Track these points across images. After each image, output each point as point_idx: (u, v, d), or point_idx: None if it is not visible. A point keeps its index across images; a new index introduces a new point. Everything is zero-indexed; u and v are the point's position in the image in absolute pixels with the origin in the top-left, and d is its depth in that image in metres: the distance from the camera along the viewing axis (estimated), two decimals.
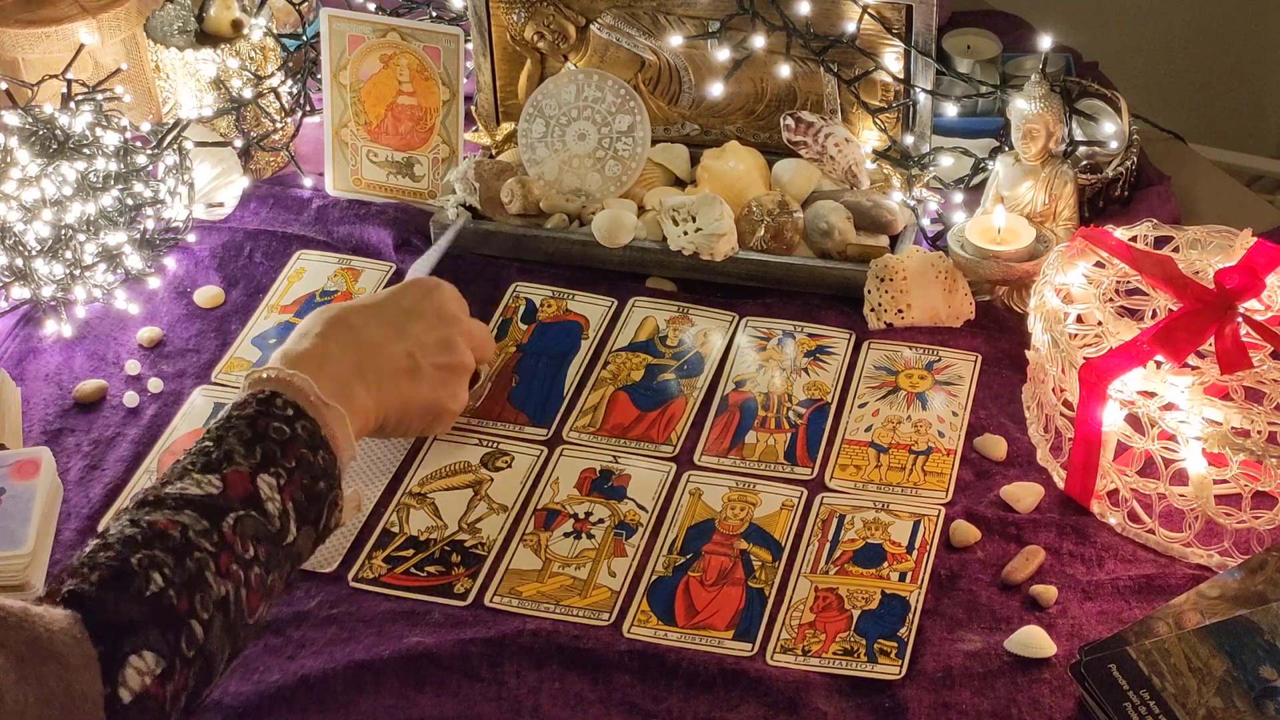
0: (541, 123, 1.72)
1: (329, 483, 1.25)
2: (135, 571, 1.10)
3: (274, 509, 1.20)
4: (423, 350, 1.39)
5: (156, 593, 1.10)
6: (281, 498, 1.20)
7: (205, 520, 1.16)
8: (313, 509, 1.23)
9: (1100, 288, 1.46)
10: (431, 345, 1.40)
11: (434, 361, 1.40)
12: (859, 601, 1.35)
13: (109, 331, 1.65)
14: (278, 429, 1.23)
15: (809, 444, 1.50)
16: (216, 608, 1.13)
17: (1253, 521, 1.34)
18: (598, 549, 1.41)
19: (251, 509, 1.18)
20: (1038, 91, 1.58)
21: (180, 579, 1.11)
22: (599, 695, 1.29)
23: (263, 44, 1.81)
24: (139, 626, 1.08)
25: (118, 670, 1.06)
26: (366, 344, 1.36)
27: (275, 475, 1.21)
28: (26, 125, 1.65)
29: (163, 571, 1.11)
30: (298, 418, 1.25)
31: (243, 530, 1.17)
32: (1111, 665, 1.23)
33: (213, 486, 1.18)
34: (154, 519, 1.14)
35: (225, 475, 1.19)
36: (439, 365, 1.41)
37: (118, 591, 1.08)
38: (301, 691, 1.29)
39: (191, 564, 1.13)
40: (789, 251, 1.65)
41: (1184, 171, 1.81)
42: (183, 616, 1.11)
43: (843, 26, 1.67)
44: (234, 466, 1.20)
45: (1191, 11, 2.72)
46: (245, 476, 1.20)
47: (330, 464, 1.25)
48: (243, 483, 1.19)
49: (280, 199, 1.80)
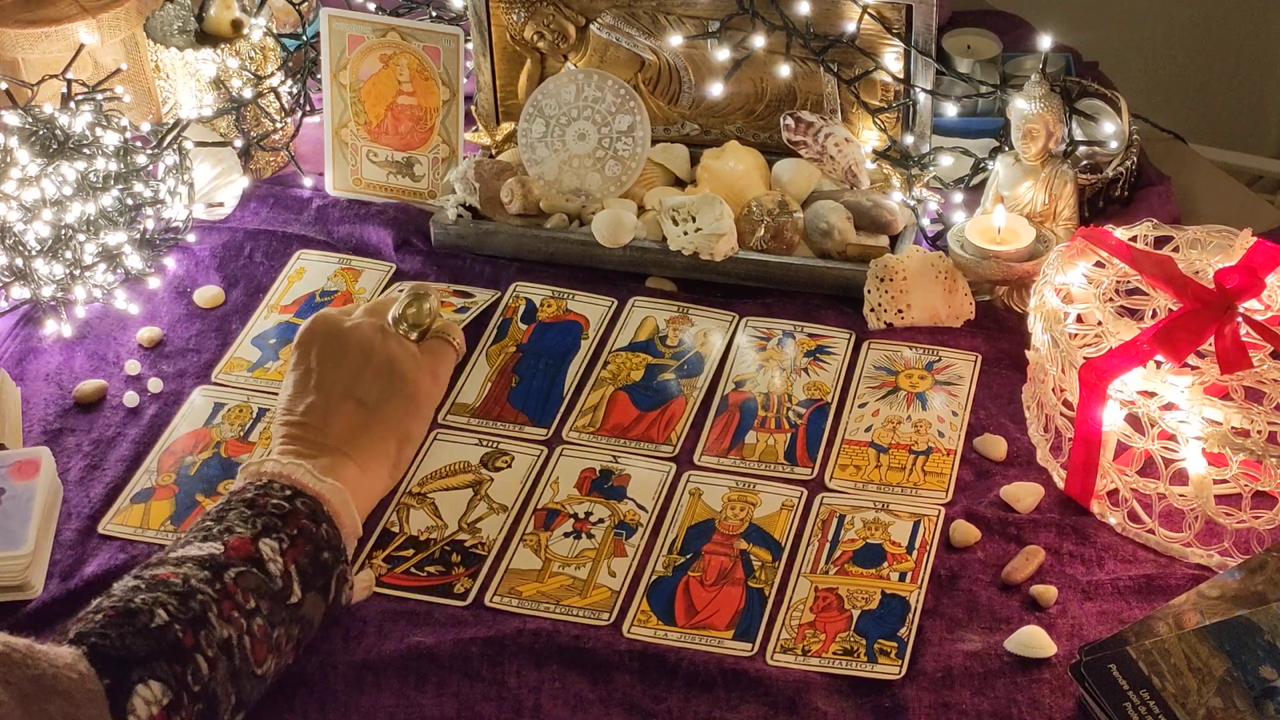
0: (541, 123, 1.72)
1: (334, 555, 1.26)
2: (140, 608, 1.11)
3: (276, 569, 1.20)
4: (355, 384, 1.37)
5: (162, 625, 1.11)
6: (284, 560, 1.21)
7: (207, 571, 1.17)
8: (319, 577, 1.24)
9: (1100, 288, 1.46)
10: (356, 374, 1.37)
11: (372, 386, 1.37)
12: (859, 601, 1.35)
13: (109, 331, 1.65)
14: (277, 505, 1.24)
15: (809, 444, 1.50)
16: (221, 649, 1.14)
17: (1253, 521, 1.34)
18: (598, 549, 1.41)
19: (253, 567, 1.19)
20: (1038, 91, 1.58)
21: (185, 616, 1.13)
22: (599, 695, 1.29)
23: (263, 44, 1.81)
24: (146, 659, 1.09)
25: (125, 701, 1.07)
26: (318, 425, 1.33)
27: (277, 540, 1.22)
28: (26, 125, 1.65)
29: (167, 608, 1.13)
30: (297, 496, 1.25)
31: (244, 584, 1.18)
32: (1111, 665, 1.23)
33: (214, 549, 1.19)
34: (156, 572, 1.16)
35: (226, 541, 1.20)
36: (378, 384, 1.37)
37: (123, 627, 1.10)
38: (302, 691, 1.29)
39: (195, 604, 1.14)
40: (789, 251, 1.65)
41: (1184, 171, 1.81)
42: (189, 650, 1.12)
43: (843, 26, 1.67)
44: (235, 535, 1.21)
45: (1191, 11, 2.72)
46: (246, 540, 1.21)
47: (334, 537, 1.26)
48: (244, 545, 1.20)
49: (280, 199, 1.80)
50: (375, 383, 1.37)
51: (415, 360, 1.41)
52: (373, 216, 1.75)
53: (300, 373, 1.38)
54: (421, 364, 1.42)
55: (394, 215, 1.76)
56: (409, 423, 1.39)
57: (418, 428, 1.41)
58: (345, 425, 1.34)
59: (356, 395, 1.36)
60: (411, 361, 1.41)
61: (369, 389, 1.37)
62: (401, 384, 1.39)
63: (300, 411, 1.35)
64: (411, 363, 1.40)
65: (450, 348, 1.46)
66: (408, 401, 1.39)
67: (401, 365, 1.40)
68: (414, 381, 1.40)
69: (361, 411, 1.35)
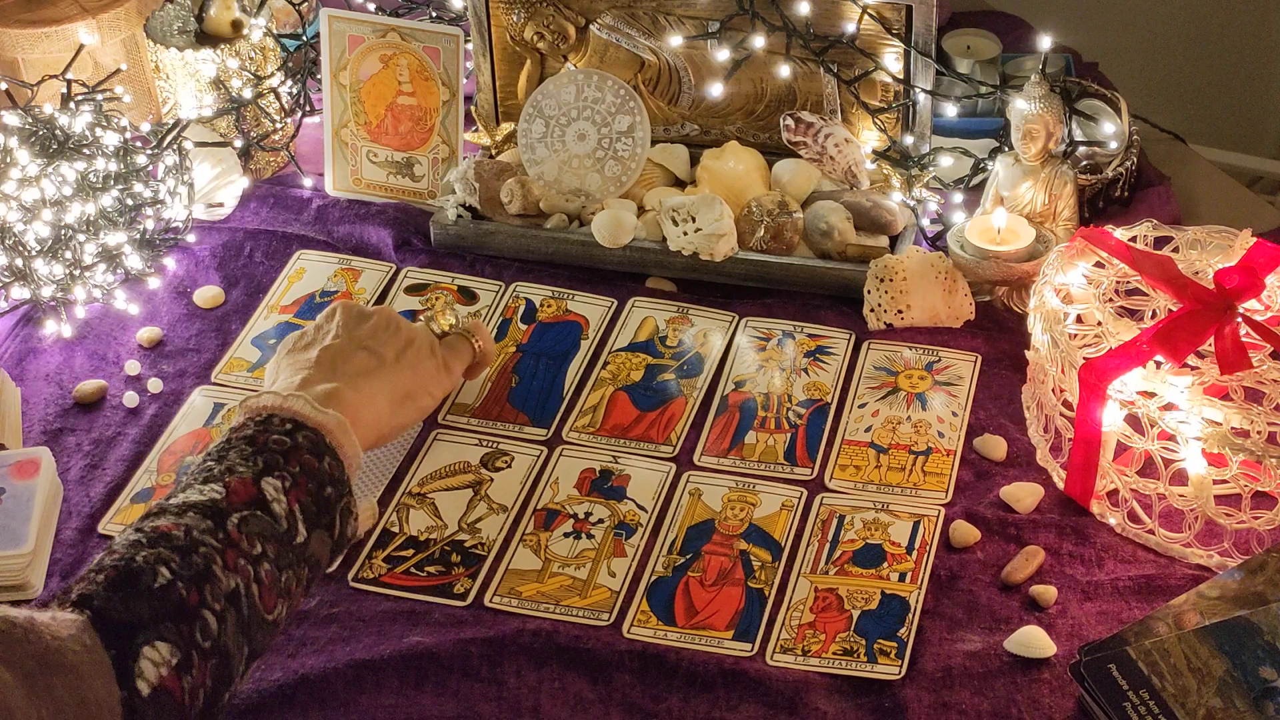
0: (541, 123, 1.72)
1: (338, 489, 1.25)
2: (142, 568, 1.09)
3: (280, 509, 1.19)
4: (374, 339, 1.40)
5: (165, 585, 1.09)
6: (288, 499, 1.20)
7: (209, 520, 1.16)
8: (324, 515, 1.23)
9: (1100, 288, 1.46)
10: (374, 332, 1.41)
11: (389, 345, 1.41)
12: (859, 602, 1.35)
13: (109, 331, 1.65)
14: (279, 440, 1.23)
15: (809, 444, 1.50)
16: (228, 601, 1.13)
17: (1252, 522, 1.34)
18: (597, 549, 1.41)
19: (256, 509, 1.18)
20: (1038, 92, 1.58)
21: (188, 573, 1.11)
22: (599, 695, 1.29)
23: (263, 44, 1.81)
24: (150, 622, 1.07)
25: (133, 664, 1.05)
26: (328, 361, 1.36)
27: (280, 479, 1.21)
28: (26, 125, 1.65)
29: (169, 565, 1.11)
30: (298, 429, 1.25)
31: (248, 529, 1.17)
32: (1111, 665, 1.23)
33: (215, 493, 1.18)
34: (157, 524, 1.14)
35: (228, 483, 1.19)
36: (395, 345, 1.41)
37: (126, 590, 1.08)
38: (302, 690, 1.29)
39: (198, 558, 1.12)
40: (789, 252, 1.65)
41: (1184, 172, 1.81)
42: (194, 608, 1.10)
43: (843, 26, 1.67)
44: (236, 475, 1.20)
45: (1191, 11, 2.72)
46: (248, 481, 1.19)
47: (337, 469, 1.25)
48: (245, 488, 1.19)
49: (280, 199, 1.80)
50: (391, 344, 1.41)
51: (432, 345, 1.45)
52: (373, 216, 1.75)
53: (320, 322, 1.42)
54: (436, 349, 1.45)
55: (394, 215, 1.76)
56: (417, 387, 1.42)
57: (424, 399, 1.43)
58: (354, 367, 1.37)
59: (370, 347, 1.39)
60: (428, 344, 1.45)
61: (385, 346, 1.40)
62: (415, 355, 1.42)
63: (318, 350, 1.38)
64: (428, 344, 1.45)
65: (469, 346, 1.49)
66: (417, 370, 1.42)
67: (419, 341, 1.44)
68: (425, 357, 1.43)
69: (373, 360, 1.38)
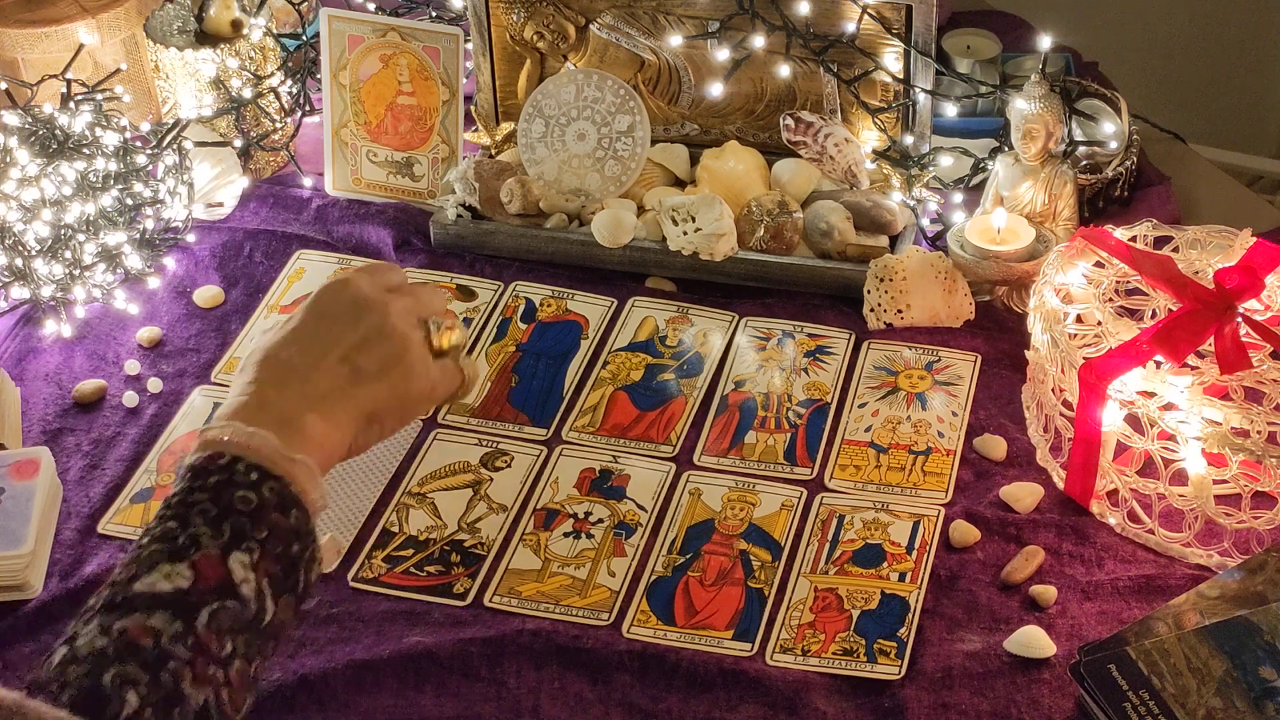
0: (541, 123, 1.72)
1: (303, 543, 1.18)
2: (109, 694, 1.05)
3: (249, 591, 1.13)
4: (357, 351, 1.28)
5: (131, 715, 1.05)
6: (256, 575, 1.14)
7: (179, 621, 1.10)
8: (290, 577, 1.17)
9: (1100, 288, 1.46)
10: (362, 341, 1.29)
11: (373, 356, 1.29)
12: (859, 601, 1.35)
13: (109, 331, 1.65)
14: (244, 498, 1.16)
15: (809, 444, 1.50)
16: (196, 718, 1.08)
17: (1252, 521, 1.34)
18: (597, 549, 1.41)
19: (226, 598, 1.12)
20: (1037, 91, 1.58)
21: (156, 696, 1.07)
22: (599, 695, 1.29)
23: (262, 44, 1.81)
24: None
25: None
26: (300, 371, 1.25)
27: (248, 551, 1.14)
28: (26, 125, 1.65)
29: (137, 689, 1.06)
30: (264, 480, 1.17)
31: (219, 624, 1.11)
32: (1111, 665, 1.23)
33: (183, 579, 1.12)
34: (125, 626, 1.09)
35: (195, 563, 1.12)
36: (380, 357, 1.29)
37: (93, 715, 1.04)
38: (301, 691, 1.29)
39: (167, 675, 1.08)
40: (789, 251, 1.65)
41: (1184, 171, 1.81)
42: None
43: (843, 26, 1.67)
44: (202, 550, 1.13)
45: (1191, 11, 2.72)
46: (215, 561, 1.13)
47: (303, 521, 1.18)
48: (213, 569, 1.13)
49: (280, 199, 1.80)
50: (377, 356, 1.29)
51: (425, 362, 1.33)
52: (372, 216, 1.75)
53: (306, 317, 1.30)
54: (430, 369, 1.33)
55: (394, 215, 1.76)
56: (387, 410, 1.30)
57: (393, 422, 1.32)
58: (327, 384, 1.26)
59: (354, 360, 1.28)
60: (422, 360, 1.32)
61: (369, 358, 1.29)
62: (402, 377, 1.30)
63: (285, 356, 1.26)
64: (421, 361, 1.32)
65: (460, 376, 1.37)
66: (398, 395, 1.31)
67: (410, 356, 1.31)
68: (415, 381, 1.32)
69: (350, 374, 1.27)
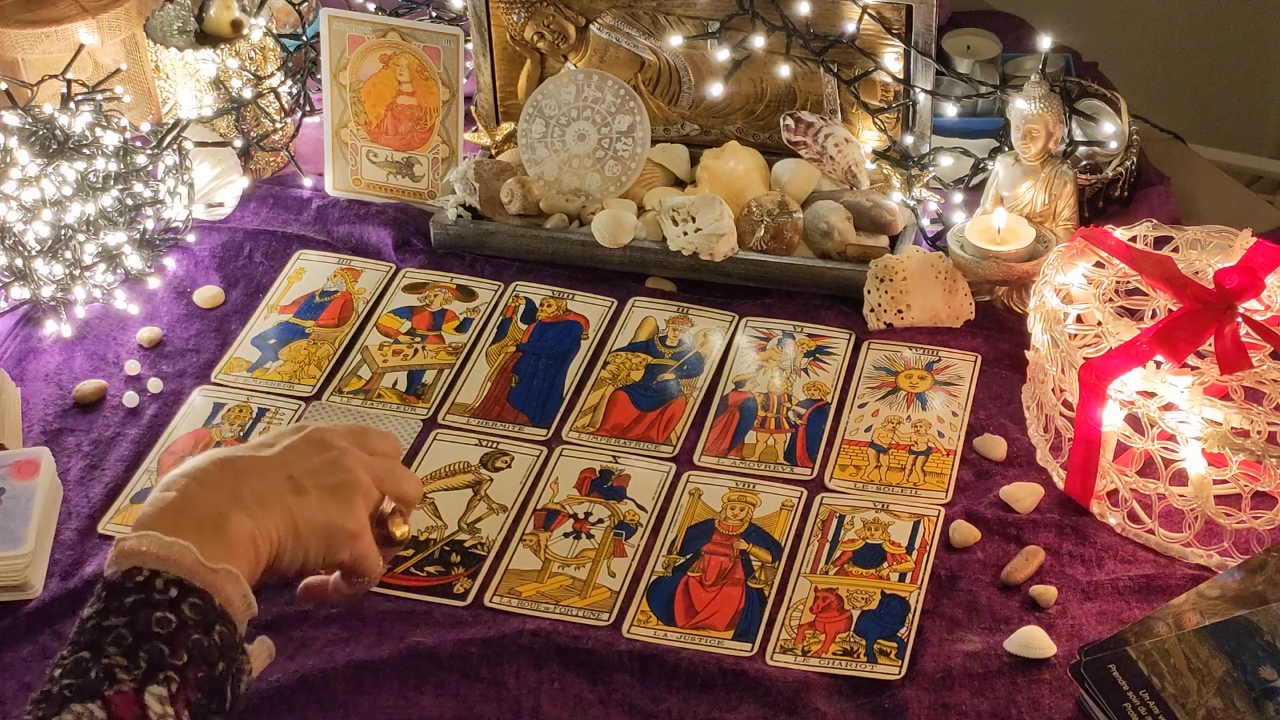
0: (541, 123, 1.72)
1: (229, 659, 1.10)
2: None
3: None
4: (304, 473, 1.21)
5: None
6: (176, 708, 1.06)
7: None
8: (215, 698, 1.09)
9: (1100, 288, 1.46)
10: (313, 468, 1.22)
11: (319, 482, 1.21)
12: (859, 602, 1.35)
13: (109, 331, 1.65)
14: (162, 619, 1.08)
15: (809, 444, 1.50)
16: None
17: (1252, 521, 1.34)
18: (597, 549, 1.41)
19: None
20: (1037, 91, 1.58)
21: None
22: (599, 695, 1.29)
23: (262, 44, 1.81)
24: None
25: None
26: (240, 469, 1.19)
27: (166, 683, 1.06)
28: (26, 125, 1.65)
29: None
30: (183, 597, 1.09)
31: None
32: (1111, 666, 1.23)
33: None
34: None
35: (108, 699, 1.04)
36: (325, 485, 1.22)
37: None
38: (301, 691, 1.29)
39: None
40: (789, 252, 1.65)
41: (1184, 171, 1.81)
42: None
43: (843, 26, 1.67)
44: (116, 686, 1.05)
45: (1191, 11, 2.72)
46: (130, 698, 1.05)
47: (228, 636, 1.11)
48: (129, 706, 1.05)
49: (280, 199, 1.80)
50: (324, 482, 1.22)
51: (363, 519, 1.24)
52: (373, 216, 1.75)
53: (265, 438, 1.25)
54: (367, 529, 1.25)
55: (394, 215, 1.76)
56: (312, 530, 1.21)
57: (315, 548, 1.22)
58: (264, 488, 1.19)
59: (299, 481, 1.21)
60: (361, 516, 1.24)
61: (314, 481, 1.22)
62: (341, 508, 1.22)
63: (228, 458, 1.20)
64: (361, 515, 1.24)
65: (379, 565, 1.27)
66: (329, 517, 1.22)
67: (356, 500, 1.24)
68: (349, 516, 1.23)
69: (293, 493, 1.20)
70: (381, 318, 1.65)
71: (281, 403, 1.56)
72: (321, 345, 1.62)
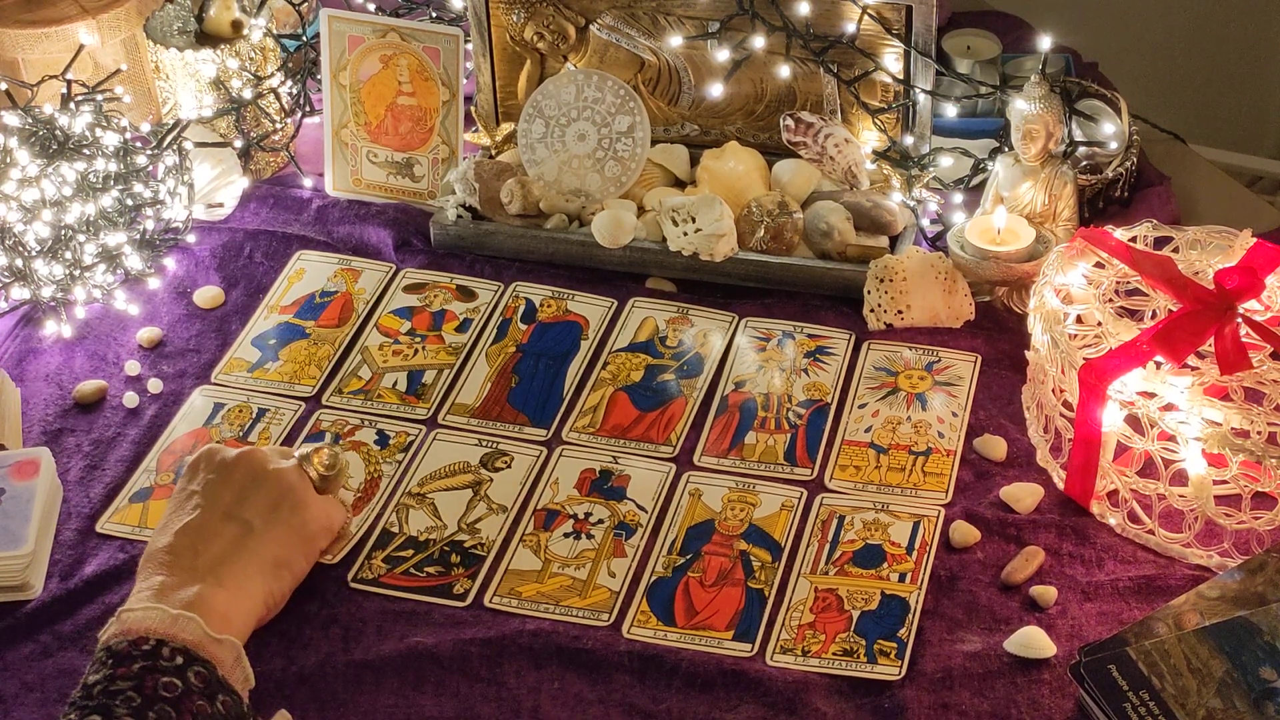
0: (541, 123, 1.72)
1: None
2: None
3: None
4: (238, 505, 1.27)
5: None
6: None
7: None
8: None
9: (1100, 288, 1.46)
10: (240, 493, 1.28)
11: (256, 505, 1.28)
12: (859, 602, 1.35)
13: (109, 332, 1.65)
14: (169, 684, 1.12)
15: (809, 444, 1.50)
16: None
17: (1253, 522, 1.34)
18: (597, 549, 1.41)
19: None
20: (1037, 92, 1.58)
21: None
22: (599, 695, 1.29)
23: (262, 44, 1.81)
24: None
25: None
26: (186, 548, 1.24)
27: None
28: (26, 125, 1.65)
29: None
30: (189, 665, 1.14)
31: None
32: (1111, 666, 1.23)
33: None
34: None
35: None
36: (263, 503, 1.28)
37: None
38: (301, 691, 1.29)
39: None
40: (789, 252, 1.65)
41: (1184, 172, 1.81)
42: None
43: (843, 27, 1.67)
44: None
45: (1191, 11, 2.72)
46: None
47: (233, 705, 1.15)
48: None
49: (280, 199, 1.80)
50: (262, 504, 1.28)
51: (309, 490, 1.31)
52: (373, 217, 1.75)
53: (181, 495, 1.29)
54: (318, 502, 1.32)
55: (394, 215, 1.76)
56: (291, 552, 1.29)
57: (300, 562, 1.31)
58: (220, 548, 1.24)
59: (239, 515, 1.27)
60: (309, 493, 1.31)
61: (254, 509, 1.27)
62: (291, 511, 1.29)
63: (174, 532, 1.25)
64: (309, 494, 1.31)
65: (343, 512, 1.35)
66: (295, 532, 1.30)
67: (296, 493, 1.30)
68: (306, 511, 1.31)
69: (241, 532, 1.26)
70: (382, 318, 1.65)
71: (281, 403, 1.56)
72: (322, 345, 1.62)
